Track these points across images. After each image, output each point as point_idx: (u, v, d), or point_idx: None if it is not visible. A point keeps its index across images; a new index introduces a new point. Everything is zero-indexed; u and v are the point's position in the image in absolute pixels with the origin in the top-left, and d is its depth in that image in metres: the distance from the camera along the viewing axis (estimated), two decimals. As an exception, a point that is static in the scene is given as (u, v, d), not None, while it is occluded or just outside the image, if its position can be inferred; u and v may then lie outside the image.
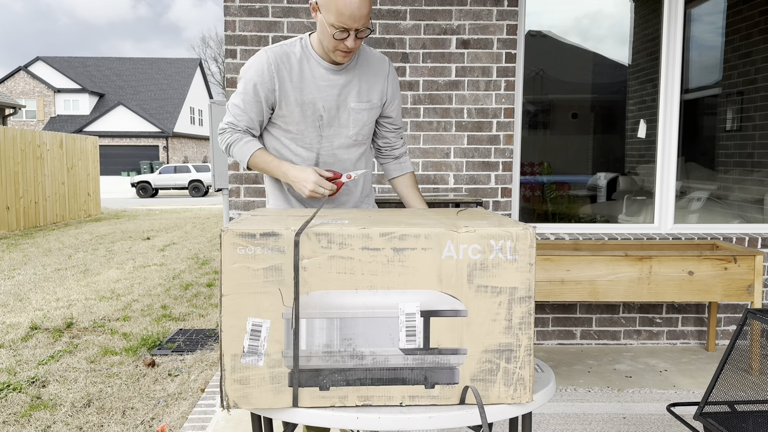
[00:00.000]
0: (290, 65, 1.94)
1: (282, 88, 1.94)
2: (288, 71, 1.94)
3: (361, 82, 2.01)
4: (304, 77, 1.95)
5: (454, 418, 1.33)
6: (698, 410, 2.20)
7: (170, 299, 5.63)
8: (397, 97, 2.12)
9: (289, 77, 1.94)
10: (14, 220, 11.22)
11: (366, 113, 2.03)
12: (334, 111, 1.99)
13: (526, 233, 1.33)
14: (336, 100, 1.98)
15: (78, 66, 43.08)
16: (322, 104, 1.97)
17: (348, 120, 2.01)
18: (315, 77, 1.95)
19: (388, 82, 2.07)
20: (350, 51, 1.87)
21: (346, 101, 1.99)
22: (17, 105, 16.89)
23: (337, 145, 2.03)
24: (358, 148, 2.08)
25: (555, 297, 3.36)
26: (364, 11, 1.79)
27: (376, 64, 2.04)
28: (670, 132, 4.02)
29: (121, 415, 3.05)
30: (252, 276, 1.32)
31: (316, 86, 1.95)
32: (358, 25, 1.81)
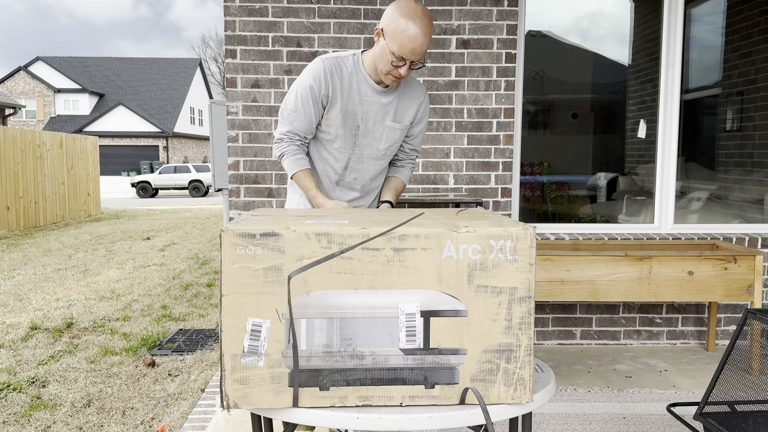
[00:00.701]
0: (342, 75, 2.12)
1: (333, 94, 2.12)
2: (339, 80, 2.12)
3: (399, 104, 2.20)
4: (351, 89, 2.13)
5: (454, 418, 1.33)
6: (698, 410, 2.20)
7: (170, 299, 5.63)
8: (423, 123, 2.31)
9: (340, 86, 2.12)
10: (14, 220, 11.22)
11: (398, 132, 2.23)
12: (371, 124, 2.18)
13: (526, 233, 1.33)
14: (375, 116, 2.18)
15: (78, 66, 43.08)
16: (362, 116, 2.16)
17: (382, 134, 2.20)
18: (360, 92, 2.14)
19: (420, 108, 2.26)
20: (401, 78, 2.05)
21: (383, 119, 2.19)
22: (17, 105, 16.89)
23: (366, 155, 2.23)
24: (383, 161, 2.29)
25: (555, 297, 3.36)
26: (424, 48, 1.99)
27: (414, 90, 2.24)
28: (670, 132, 4.02)
29: (121, 415, 3.05)
30: (252, 276, 1.32)
31: (360, 100, 2.14)
32: (415, 58, 2.00)
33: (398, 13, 1.96)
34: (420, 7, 1.98)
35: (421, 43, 1.96)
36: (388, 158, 2.30)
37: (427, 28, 1.97)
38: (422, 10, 1.97)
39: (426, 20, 1.97)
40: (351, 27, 3.77)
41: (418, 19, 1.95)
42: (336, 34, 3.77)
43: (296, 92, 2.14)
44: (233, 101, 3.78)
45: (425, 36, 1.97)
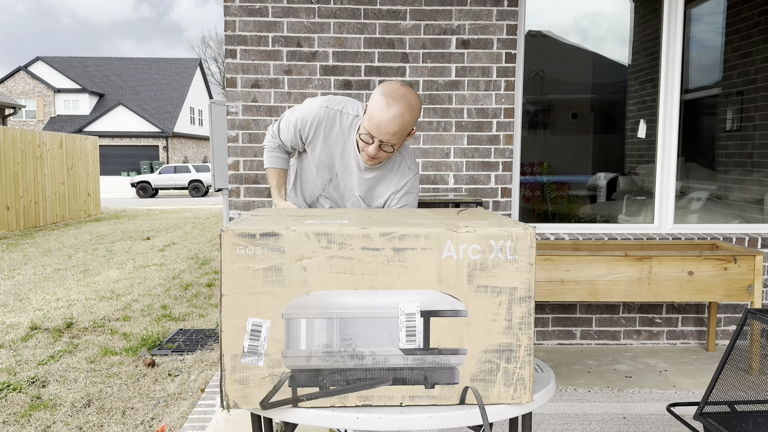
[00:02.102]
0: (331, 132, 2.10)
1: (313, 142, 2.13)
2: (325, 135, 2.10)
3: (378, 184, 2.16)
4: (336, 148, 2.11)
5: (454, 418, 1.33)
6: (698, 410, 2.20)
7: (170, 299, 5.63)
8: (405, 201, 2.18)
9: (324, 140, 2.11)
10: (14, 220, 11.22)
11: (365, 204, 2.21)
12: (341, 187, 2.19)
13: (526, 233, 1.33)
14: (350, 183, 2.16)
15: (78, 66, 43.07)
16: (336, 174, 2.16)
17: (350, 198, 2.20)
18: (344, 156, 2.11)
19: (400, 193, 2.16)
20: (374, 158, 2.00)
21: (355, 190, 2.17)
22: (17, 105, 16.89)
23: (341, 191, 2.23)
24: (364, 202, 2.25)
25: (555, 297, 3.36)
26: (392, 129, 1.90)
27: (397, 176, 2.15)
28: (670, 132, 4.02)
29: (121, 415, 3.05)
30: (252, 276, 1.32)
31: (341, 162, 2.13)
32: (383, 138, 1.93)
33: (380, 91, 1.92)
34: (403, 91, 1.91)
35: (387, 123, 1.88)
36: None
37: (403, 113, 1.88)
38: (402, 94, 1.90)
39: (403, 105, 1.89)
40: (351, 27, 3.77)
41: (393, 101, 1.88)
42: (336, 34, 3.77)
43: (290, 121, 2.17)
44: (233, 101, 3.78)
45: (396, 119, 1.88)
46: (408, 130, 1.96)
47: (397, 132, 1.91)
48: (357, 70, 3.80)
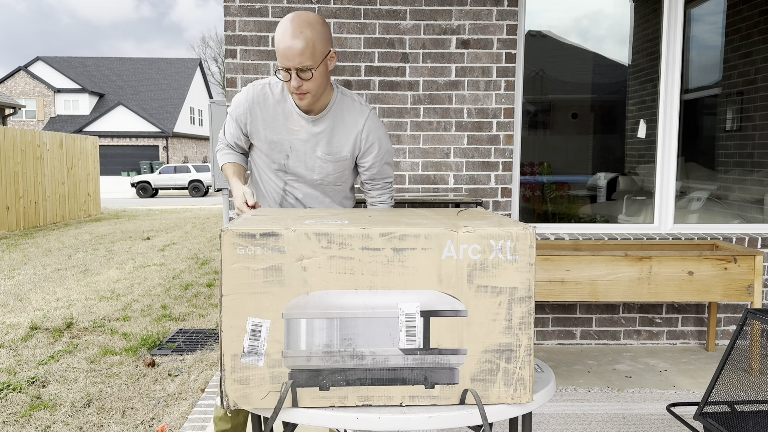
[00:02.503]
0: (266, 105, 2.01)
1: (253, 124, 2.03)
2: (261, 110, 2.01)
3: (333, 134, 2.02)
4: (277, 118, 2.01)
5: (454, 418, 1.33)
6: (698, 410, 2.20)
7: (170, 299, 5.63)
8: (374, 153, 2.07)
9: (262, 116, 2.02)
10: (14, 220, 11.21)
11: (332, 164, 2.05)
12: (301, 154, 2.04)
13: (526, 233, 1.33)
14: (304, 146, 2.03)
15: (78, 66, 43.07)
16: (290, 146, 2.03)
17: (314, 165, 2.05)
18: (288, 120, 2.01)
19: (361, 138, 2.04)
20: (302, 92, 1.88)
21: (314, 149, 2.03)
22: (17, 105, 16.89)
23: (302, 182, 2.10)
24: (327, 189, 2.12)
25: (555, 297, 3.36)
26: (297, 48, 1.79)
27: (351, 118, 2.03)
28: (670, 132, 4.02)
29: (121, 415, 3.05)
30: (252, 276, 1.32)
31: (287, 129, 2.02)
32: (294, 63, 1.81)
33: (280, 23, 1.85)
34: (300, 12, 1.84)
35: (290, 47, 1.79)
36: (332, 186, 2.12)
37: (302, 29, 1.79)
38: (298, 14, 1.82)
39: (300, 23, 1.80)
40: (351, 27, 3.77)
41: (289, 23, 1.80)
42: (336, 34, 3.77)
43: (228, 116, 2.12)
44: (233, 101, 3.78)
45: (296, 38, 1.78)
46: (317, 48, 1.82)
47: (305, 51, 1.79)
48: (357, 70, 3.80)
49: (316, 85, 1.89)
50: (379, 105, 3.83)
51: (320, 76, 1.89)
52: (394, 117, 3.84)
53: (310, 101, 1.93)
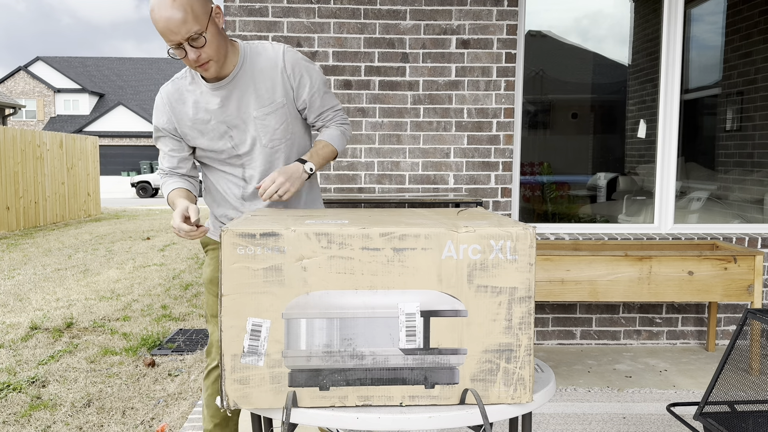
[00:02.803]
0: (183, 100, 1.89)
1: (182, 124, 1.91)
2: (182, 106, 1.89)
3: (258, 85, 1.87)
4: (198, 107, 1.88)
5: (454, 418, 1.33)
6: (698, 410, 2.20)
7: (170, 299, 5.63)
8: (307, 83, 1.91)
9: (184, 112, 1.89)
10: (14, 220, 11.22)
11: (273, 117, 1.89)
12: (241, 126, 1.89)
13: (526, 233, 1.33)
14: (238, 115, 1.88)
15: (78, 66, 43.08)
16: (226, 125, 1.89)
17: (258, 131, 1.90)
18: (208, 102, 1.87)
19: (287, 73, 1.88)
20: (202, 62, 1.74)
21: (248, 112, 1.88)
22: (17, 105, 16.89)
23: (256, 157, 1.94)
24: (280, 152, 1.95)
25: (555, 297, 3.36)
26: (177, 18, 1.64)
27: (267, 61, 1.88)
28: (670, 132, 4.02)
29: (121, 415, 3.05)
30: (252, 276, 1.32)
31: (214, 111, 1.87)
32: (182, 36, 1.67)
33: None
34: None
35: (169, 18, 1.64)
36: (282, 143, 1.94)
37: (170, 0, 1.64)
38: None
39: None
40: (351, 27, 3.77)
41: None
42: (336, 34, 3.77)
43: (154, 135, 1.96)
44: (233, 101, 3.78)
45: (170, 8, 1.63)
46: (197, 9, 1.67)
47: (186, 17, 1.64)
48: (357, 70, 3.80)
49: (214, 48, 1.74)
50: (379, 105, 3.83)
51: (214, 38, 1.73)
52: (394, 117, 3.84)
53: (216, 68, 1.78)
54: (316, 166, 1.91)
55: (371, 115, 3.84)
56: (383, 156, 3.87)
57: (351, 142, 3.84)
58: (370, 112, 3.84)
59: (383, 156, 3.87)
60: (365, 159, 3.86)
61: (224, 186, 2.02)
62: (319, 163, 1.92)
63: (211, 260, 2.18)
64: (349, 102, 3.82)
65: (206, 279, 2.18)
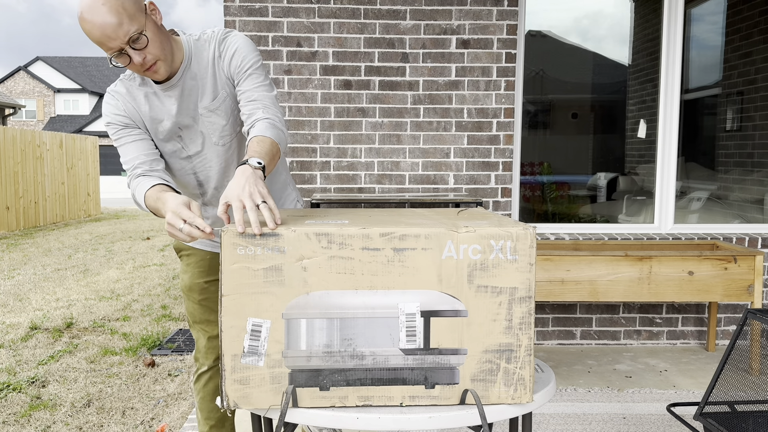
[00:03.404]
0: (136, 100, 1.78)
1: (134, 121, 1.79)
2: (136, 106, 1.78)
3: (202, 81, 1.77)
4: (152, 107, 1.78)
5: (454, 419, 1.33)
6: (698, 410, 2.20)
7: (170, 299, 5.63)
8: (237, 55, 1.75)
9: (140, 110, 1.78)
10: (14, 220, 11.21)
11: (217, 114, 1.80)
12: (188, 126, 1.80)
13: (526, 233, 1.33)
14: (187, 115, 1.79)
15: (78, 66, 43.08)
16: (177, 126, 1.79)
17: (208, 130, 1.81)
18: (162, 101, 1.78)
19: (220, 61, 1.77)
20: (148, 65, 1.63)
21: (196, 111, 1.79)
22: (17, 105, 16.89)
23: (209, 157, 1.85)
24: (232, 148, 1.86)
25: (555, 297, 3.36)
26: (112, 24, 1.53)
27: (201, 52, 1.78)
28: (670, 132, 4.02)
29: (121, 415, 3.05)
30: (252, 276, 1.32)
31: (166, 110, 1.78)
32: (122, 41, 1.56)
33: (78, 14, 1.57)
34: None
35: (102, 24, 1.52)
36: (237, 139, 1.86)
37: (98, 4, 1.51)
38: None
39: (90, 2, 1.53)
40: (351, 27, 3.77)
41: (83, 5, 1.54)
42: (336, 34, 3.77)
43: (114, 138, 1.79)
44: (233, 101, 3.78)
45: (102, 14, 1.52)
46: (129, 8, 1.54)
47: (120, 18, 1.53)
48: (357, 70, 3.80)
49: (158, 46, 1.62)
50: (379, 105, 3.83)
51: (156, 35, 1.61)
52: (394, 117, 3.84)
53: (165, 67, 1.67)
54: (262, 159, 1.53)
55: (371, 115, 3.84)
56: (383, 156, 3.87)
57: (351, 141, 3.84)
58: (370, 112, 3.84)
59: (383, 156, 3.87)
60: (365, 159, 3.86)
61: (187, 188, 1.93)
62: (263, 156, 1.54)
63: (186, 266, 2.06)
64: (349, 102, 3.82)
65: (184, 286, 2.07)
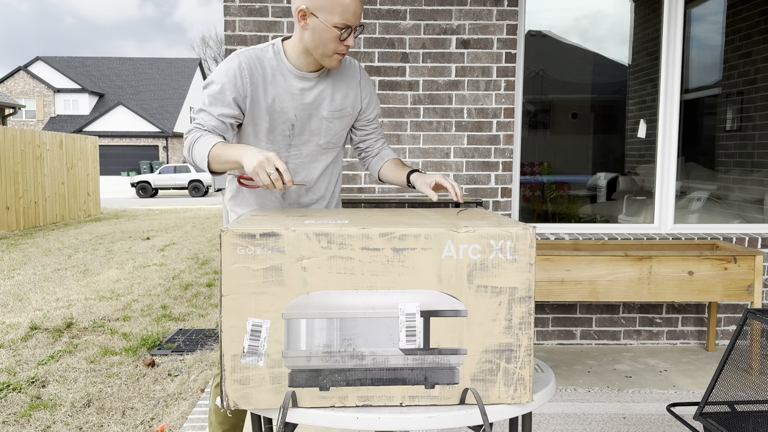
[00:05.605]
0: (263, 71, 1.85)
1: (254, 93, 1.84)
2: (261, 77, 1.85)
3: (335, 90, 1.94)
4: (276, 85, 1.86)
5: (454, 418, 1.33)
6: (698, 410, 2.20)
7: (170, 299, 5.63)
8: (374, 101, 2.07)
9: (262, 84, 1.85)
10: (14, 220, 11.21)
11: (338, 122, 1.97)
12: (305, 119, 1.92)
13: (526, 233, 1.33)
14: (308, 109, 1.91)
15: (78, 66, 43.08)
16: (294, 113, 1.90)
17: (320, 128, 1.94)
18: (288, 86, 1.87)
19: (360, 88, 2.00)
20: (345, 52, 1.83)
21: (318, 110, 1.92)
22: (17, 105, 16.90)
23: (306, 153, 1.97)
24: (328, 155, 2.01)
25: (555, 297, 3.36)
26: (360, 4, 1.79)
27: (347, 71, 1.98)
28: (670, 132, 4.02)
29: (121, 415, 3.05)
30: (252, 276, 1.32)
31: (290, 95, 1.88)
32: (358, 22, 1.80)
33: None
34: None
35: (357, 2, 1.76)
36: (333, 149, 2.02)
37: None
38: None
39: None
40: (351, 27, 3.77)
41: None
42: (336, 34, 3.77)
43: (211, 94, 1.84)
44: (233, 101, 3.78)
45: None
46: None
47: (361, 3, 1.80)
48: (357, 70, 3.80)
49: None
50: (379, 105, 3.83)
51: None
52: (394, 117, 3.84)
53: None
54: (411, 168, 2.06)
55: (371, 115, 3.84)
56: (383, 156, 3.87)
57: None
58: (370, 112, 3.83)
59: (383, 156, 3.87)
60: (365, 159, 3.86)
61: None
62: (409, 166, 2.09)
63: None
64: (349, 102, 3.82)
65: None
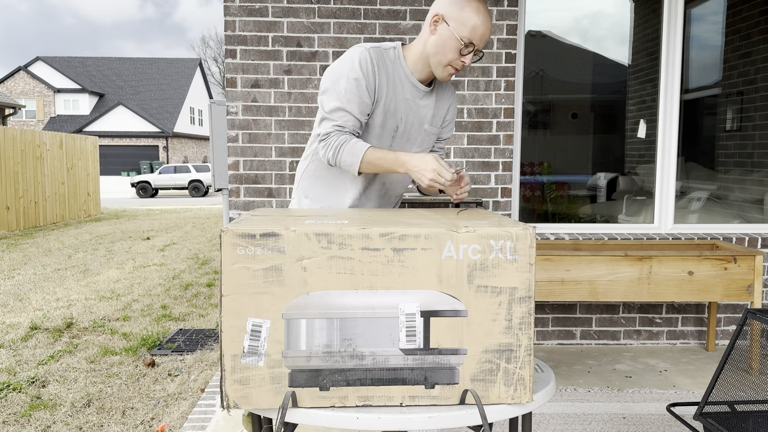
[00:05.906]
0: (386, 69, 1.87)
1: (380, 88, 1.84)
2: (386, 74, 1.86)
3: (437, 107, 1.99)
4: (395, 87, 1.88)
5: (454, 419, 1.33)
6: (698, 410, 2.20)
7: (170, 299, 5.63)
8: (453, 124, 2.13)
9: (386, 81, 1.86)
10: (14, 220, 11.21)
11: (432, 137, 2.03)
12: (409, 127, 1.95)
13: (526, 233, 1.33)
14: (414, 118, 1.95)
15: (78, 66, 43.08)
16: (402, 117, 1.92)
17: (417, 138, 1.98)
18: (404, 90, 1.90)
19: (449, 110, 2.06)
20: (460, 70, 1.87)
21: (422, 122, 1.96)
22: (17, 105, 16.90)
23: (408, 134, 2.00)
24: None
25: (555, 297, 3.36)
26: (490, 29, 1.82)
27: (446, 91, 2.03)
28: (670, 132, 4.02)
29: (121, 415, 3.05)
30: (252, 276, 1.32)
31: (404, 100, 1.91)
32: (482, 46, 1.82)
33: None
34: None
35: (489, 29, 1.79)
36: None
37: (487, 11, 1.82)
38: None
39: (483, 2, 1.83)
40: (351, 27, 3.77)
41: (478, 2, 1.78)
42: (336, 34, 3.77)
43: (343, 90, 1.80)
44: (233, 101, 3.78)
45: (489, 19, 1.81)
46: None
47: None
48: (357, 70, 3.80)
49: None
50: (379, 105, 3.83)
51: None
52: (394, 117, 3.84)
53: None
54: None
55: (371, 115, 3.84)
56: (383, 156, 3.87)
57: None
58: (370, 112, 3.83)
59: (383, 156, 3.87)
60: (365, 159, 3.86)
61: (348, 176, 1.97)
62: None
63: None
64: (349, 102, 3.82)
65: None
